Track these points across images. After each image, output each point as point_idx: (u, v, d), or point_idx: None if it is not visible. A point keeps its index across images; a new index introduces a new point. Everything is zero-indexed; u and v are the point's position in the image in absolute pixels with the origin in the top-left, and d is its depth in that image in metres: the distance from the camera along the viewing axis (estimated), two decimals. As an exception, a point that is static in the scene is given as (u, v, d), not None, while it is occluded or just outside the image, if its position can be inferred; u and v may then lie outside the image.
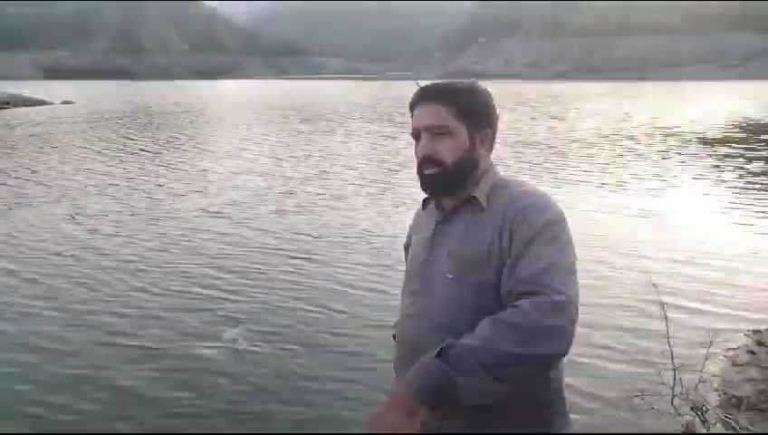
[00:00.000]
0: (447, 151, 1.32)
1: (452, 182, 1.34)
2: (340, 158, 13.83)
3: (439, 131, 1.33)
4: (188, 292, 5.28)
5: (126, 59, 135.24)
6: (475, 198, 1.33)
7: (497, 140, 1.43)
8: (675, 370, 3.21)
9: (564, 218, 1.26)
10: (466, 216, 1.34)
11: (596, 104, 35.39)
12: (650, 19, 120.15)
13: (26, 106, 32.20)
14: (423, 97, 1.36)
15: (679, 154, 14.20)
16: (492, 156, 1.42)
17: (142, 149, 15.36)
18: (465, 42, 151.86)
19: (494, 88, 1.58)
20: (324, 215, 8.13)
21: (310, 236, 7.06)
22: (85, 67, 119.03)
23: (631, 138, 17.50)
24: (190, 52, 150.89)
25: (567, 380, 1.36)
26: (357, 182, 10.61)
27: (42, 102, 33.78)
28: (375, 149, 15.62)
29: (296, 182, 10.63)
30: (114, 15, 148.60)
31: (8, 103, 31.77)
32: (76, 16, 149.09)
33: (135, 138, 18.12)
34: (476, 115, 1.34)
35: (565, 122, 23.30)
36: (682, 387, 3.21)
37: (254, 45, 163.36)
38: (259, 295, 5.18)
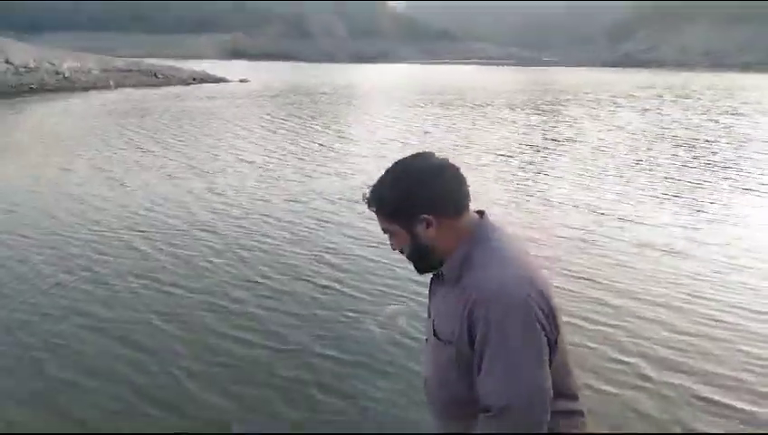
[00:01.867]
0: (401, 246, 1.44)
1: (419, 268, 1.46)
2: (473, 146, 13.39)
3: (388, 232, 1.44)
4: (319, 282, 5.36)
5: (295, 43, 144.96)
6: (443, 274, 1.42)
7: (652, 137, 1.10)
8: None
9: (522, 303, 1.27)
10: (443, 290, 1.43)
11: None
12: None
13: (209, 83, 35.48)
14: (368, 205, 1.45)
15: None
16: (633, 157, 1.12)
17: (294, 128, 16.20)
18: (635, 26, 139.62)
19: (663, 78, 1.16)
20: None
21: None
22: (260, 50, 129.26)
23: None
24: (351, 37, 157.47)
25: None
26: (487, 175, 10.11)
27: (222, 80, 36.63)
28: (509, 138, 14.95)
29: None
30: (287, 4, 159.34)
31: (194, 79, 35.44)
32: (262, 5, 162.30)
33: (291, 116, 19.19)
34: (401, 212, 1.38)
35: (747, 119, 20.26)
36: None
37: (410, 30, 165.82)
38: (387, 290, 5.12)
